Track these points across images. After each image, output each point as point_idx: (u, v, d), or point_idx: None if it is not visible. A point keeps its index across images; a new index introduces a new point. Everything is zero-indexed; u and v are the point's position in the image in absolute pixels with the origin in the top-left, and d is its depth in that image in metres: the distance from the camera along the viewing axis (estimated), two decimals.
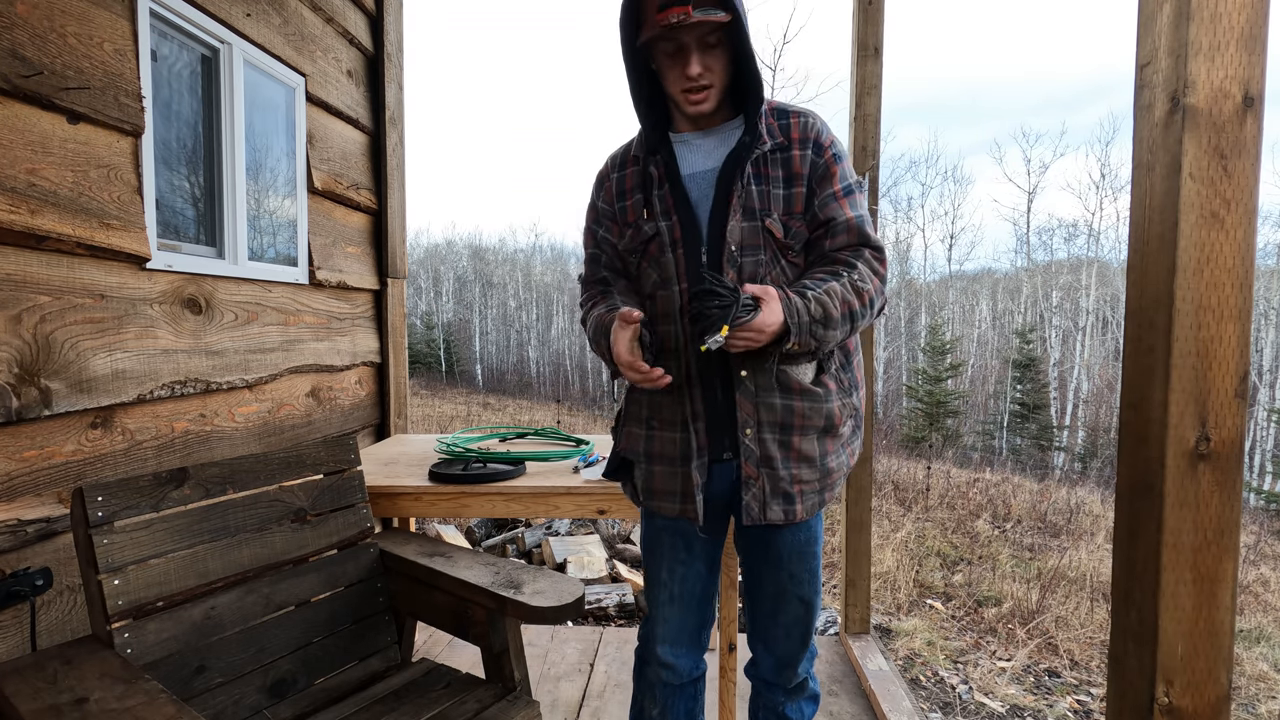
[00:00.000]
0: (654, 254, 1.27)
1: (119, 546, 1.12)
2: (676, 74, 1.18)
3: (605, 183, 1.36)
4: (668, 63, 1.19)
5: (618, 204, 1.33)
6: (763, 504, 1.23)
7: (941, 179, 42.82)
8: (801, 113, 1.27)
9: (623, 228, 1.33)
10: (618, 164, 1.35)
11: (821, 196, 1.24)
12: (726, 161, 1.23)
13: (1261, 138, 0.85)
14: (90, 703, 0.91)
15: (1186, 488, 0.86)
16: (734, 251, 1.22)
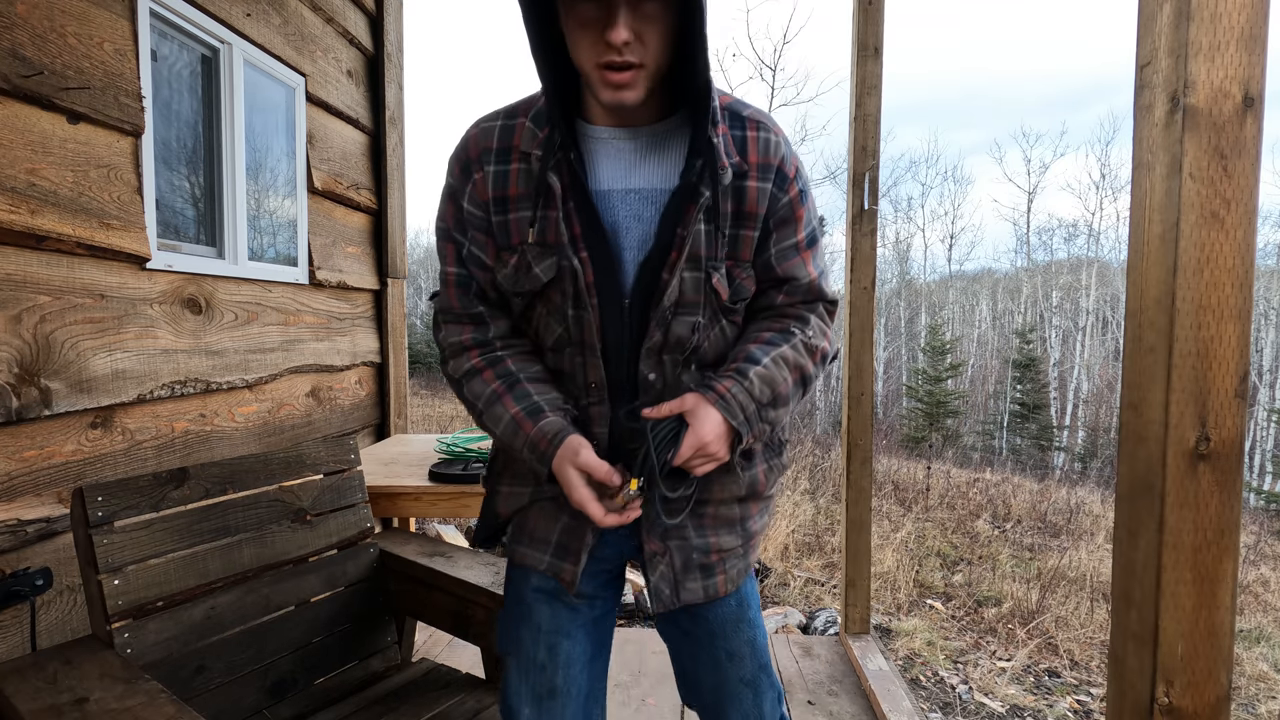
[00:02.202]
0: (556, 303, 0.93)
1: (119, 546, 1.12)
2: (592, 40, 0.80)
3: (473, 172, 0.93)
4: (579, 24, 0.81)
5: (495, 213, 0.93)
6: (674, 584, 0.99)
7: (941, 179, 42.89)
8: (759, 122, 0.95)
9: (502, 250, 0.94)
10: (496, 150, 0.92)
11: (781, 247, 0.97)
12: (676, 197, 0.90)
13: (1261, 138, 0.85)
14: (90, 703, 0.91)
15: (1186, 488, 0.86)
16: (666, 311, 0.91)
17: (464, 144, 0.96)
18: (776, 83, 12.03)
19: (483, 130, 0.94)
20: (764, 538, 1.01)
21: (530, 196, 0.91)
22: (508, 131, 0.93)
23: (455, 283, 0.98)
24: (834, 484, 7.87)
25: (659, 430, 0.90)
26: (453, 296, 0.99)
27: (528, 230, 0.91)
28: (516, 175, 0.92)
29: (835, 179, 13.66)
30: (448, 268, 0.99)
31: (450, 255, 0.98)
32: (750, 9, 12.93)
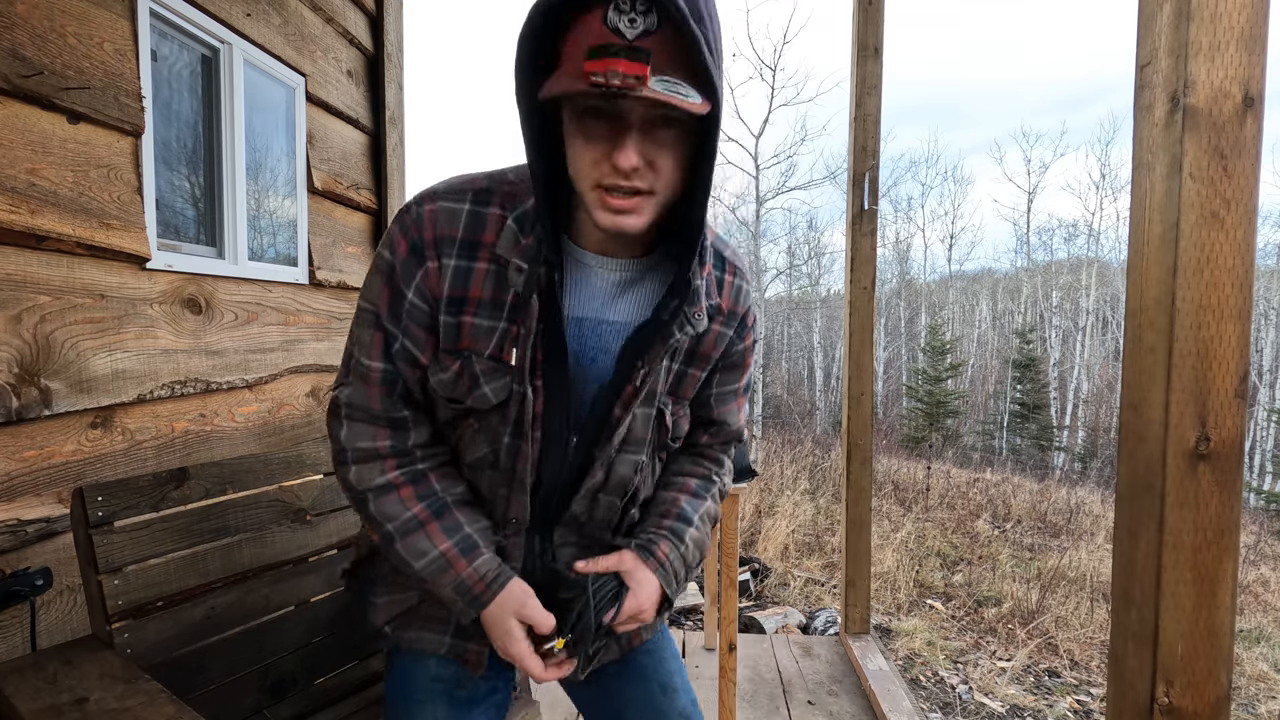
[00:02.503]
0: (492, 424, 0.84)
1: (119, 546, 1.12)
2: (595, 158, 0.70)
3: (426, 258, 0.79)
4: (583, 138, 0.70)
5: (446, 312, 0.80)
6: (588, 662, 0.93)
7: (941, 179, 42.84)
8: (738, 269, 0.91)
9: (444, 353, 0.82)
10: (460, 241, 0.79)
11: (722, 390, 0.95)
12: (643, 331, 0.83)
13: (1261, 138, 0.85)
14: (90, 703, 0.91)
15: (1186, 488, 0.86)
16: (613, 449, 0.86)
17: (417, 220, 0.79)
18: (776, 83, 12.05)
19: (446, 212, 0.78)
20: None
21: (493, 304, 0.80)
22: (477, 221, 0.79)
23: (380, 381, 0.83)
24: (834, 484, 7.88)
25: (600, 590, 0.85)
26: (374, 397, 0.83)
27: (482, 340, 0.80)
28: (482, 277, 0.79)
29: (835, 179, 13.67)
30: (371, 361, 0.82)
31: (376, 347, 0.82)
32: (750, 9, 12.92)
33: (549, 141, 0.75)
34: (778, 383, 25.41)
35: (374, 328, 0.82)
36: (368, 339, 0.83)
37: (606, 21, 0.62)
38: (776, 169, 17.00)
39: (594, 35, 0.63)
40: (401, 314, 0.81)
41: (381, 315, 0.82)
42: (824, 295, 26.10)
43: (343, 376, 0.85)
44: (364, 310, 0.83)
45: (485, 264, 0.79)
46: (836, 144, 18.50)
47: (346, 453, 0.84)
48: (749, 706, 2.34)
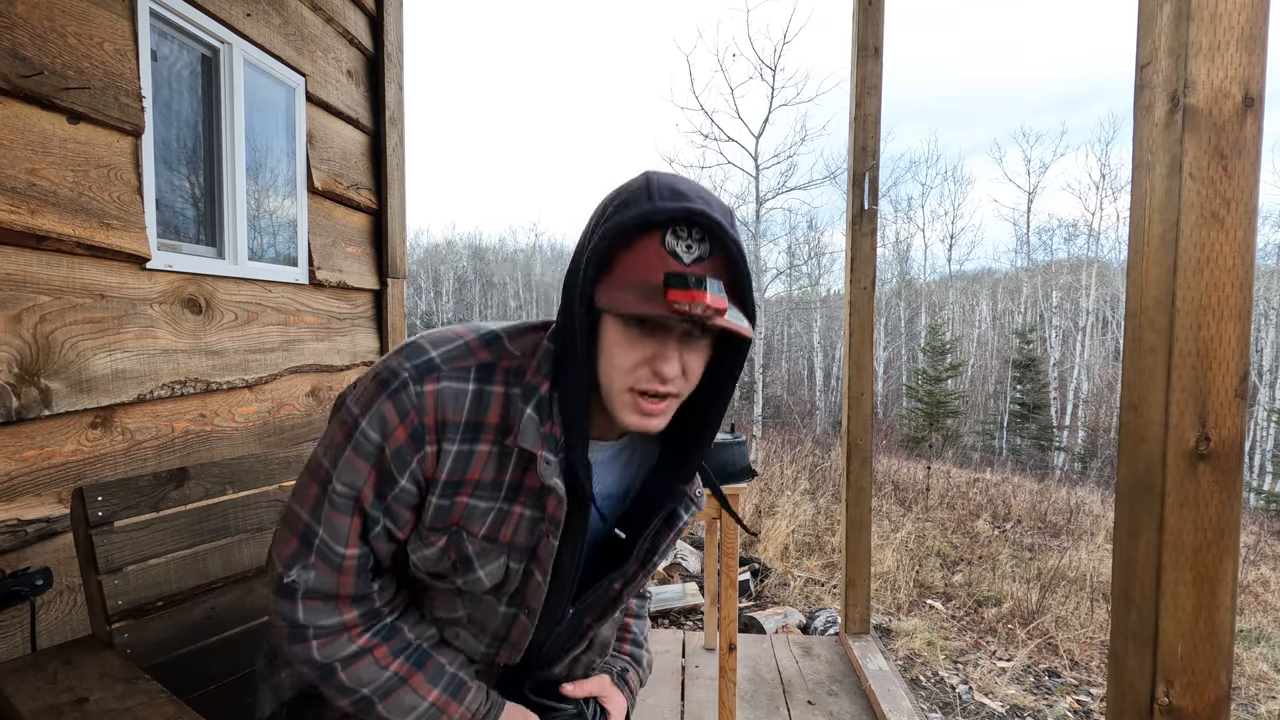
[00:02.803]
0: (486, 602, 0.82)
1: (119, 546, 1.12)
2: (634, 362, 0.71)
3: (425, 444, 0.74)
4: (626, 343, 0.71)
5: (439, 494, 0.76)
6: None
7: (941, 179, 42.83)
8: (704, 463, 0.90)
9: (431, 530, 0.78)
10: (465, 424, 0.74)
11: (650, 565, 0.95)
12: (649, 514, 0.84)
13: (1261, 138, 0.85)
14: (90, 703, 0.91)
15: (1186, 488, 0.86)
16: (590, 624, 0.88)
17: (417, 402, 0.72)
18: (776, 83, 12.02)
19: (450, 394, 0.73)
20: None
21: (492, 485, 0.76)
22: (481, 402, 0.74)
23: (355, 568, 0.77)
24: (834, 484, 7.88)
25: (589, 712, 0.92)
26: (346, 584, 0.77)
27: (477, 521, 0.77)
28: (484, 459, 0.75)
29: (835, 179, 13.66)
30: (345, 549, 0.76)
31: (354, 533, 0.76)
32: (750, 9, 12.91)
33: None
34: (778, 383, 25.41)
35: (352, 514, 0.75)
36: (342, 526, 0.75)
37: (664, 244, 0.67)
38: (776, 169, 17.00)
39: (654, 256, 0.67)
40: (388, 498, 0.75)
41: (365, 501, 0.75)
42: (824, 295, 26.10)
43: (298, 556, 0.76)
44: (340, 495, 0.75)
45: (488, 446, 0.75)
46: (836, 144, 18.49)
47: (306, 630, 0.77)
48: (749, 706, 2.34)
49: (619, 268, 0.69)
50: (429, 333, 0.78)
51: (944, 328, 25.64)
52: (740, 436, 2.00)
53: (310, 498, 0.77)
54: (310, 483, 0.77)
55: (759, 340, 12.66)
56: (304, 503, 0.77)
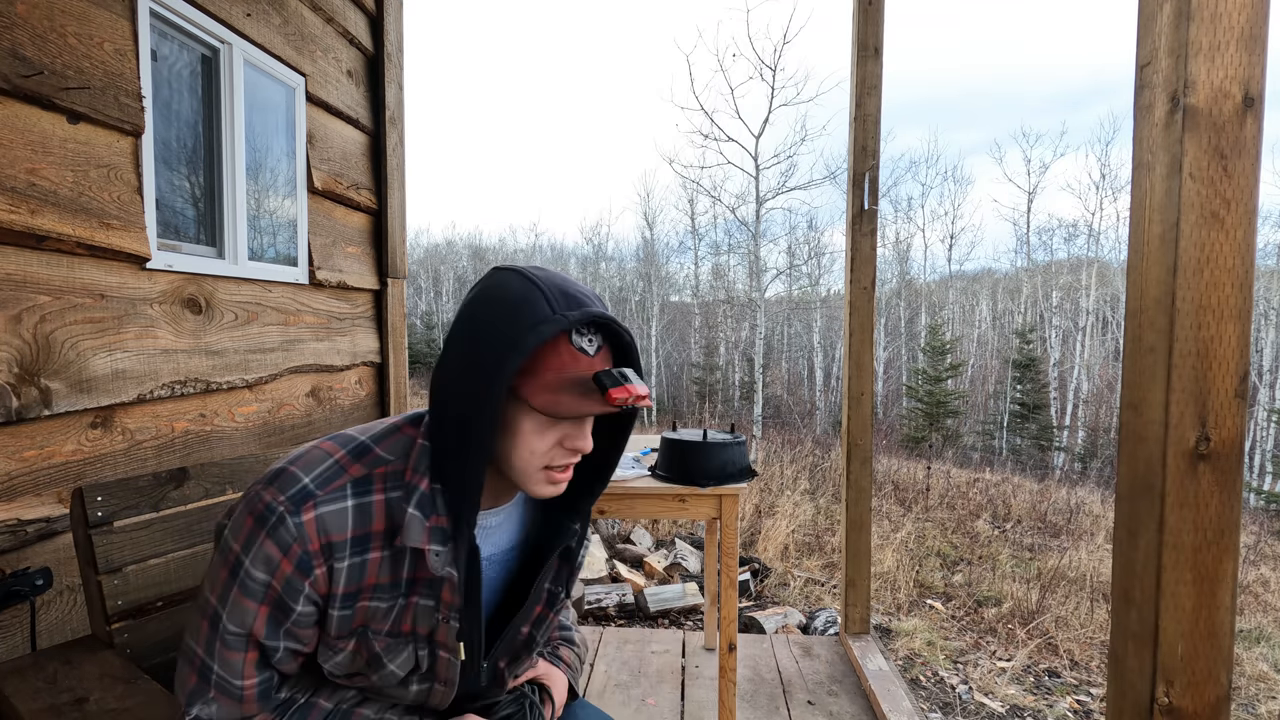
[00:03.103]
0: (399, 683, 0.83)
1: (119, 546, 1.12)
2: (551, 444, 0.78)
3: (314, 568, 0.74)
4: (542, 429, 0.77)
5: (339, 606, 0.77)
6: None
7: (941, 179, 42.79)
8: None
9: (338, 639, 0.79)
10: (351, 540, 0.76)
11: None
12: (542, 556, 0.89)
13: (1261, 138, 0.85)
14: (90, 703, 0.91)
15: (1186, 488, 0.86)
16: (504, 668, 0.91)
17: (298, 533, 0.73)
18: (776, 83, 12.02)
19: (330, 516, 0.74)
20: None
21: (390, 586, 0.78)
22: (363, 515, 0.76)
23: (255, 696, 0.78)
24: (834, 484, 7.88)
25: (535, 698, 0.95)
26: (250, 709, 0.78)
27: (380, 619, 0.79)
28: (377, 565, 0.77)
29: (835, 179, 13.66)
30: (244, 681, 0.76)
31: (249, 665, 0.76)
32: (750, 9, 12.91)
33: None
34: (778, 383, 25.41)
35: (246, 649, 0.75)
36: (237, 662, 0.75)
37: (573, 342, 0.75)
38: (776, 169, 17.00)
39: (567, 356, 0.75)
40: (286, 626, 0.76)
41: (259, 635, 0.75)
42: (824, 295, 26.10)
43: (198, 692, 0.76)
44: (230, 633, 0.75)
45: (379, 552, 0.77)
46: (836, 144, 18.49)
47: None
48: (749, 706, 2.34)
49: (542, 369, 0.74)
50: (296, 456, 0.78)
51: (944, 328, 25.64)
52: (740, 436, 2.00)
53: (203, 633, 0.76)
54: (200, 619, 0.77)
55: (759, 340, 12.68)
56: (197, 638, 0.77)
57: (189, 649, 0.77)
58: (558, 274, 0.80)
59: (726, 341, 26.08)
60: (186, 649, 0.78)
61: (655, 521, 5.19)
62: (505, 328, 0.73)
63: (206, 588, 0.77)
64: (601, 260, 34.75)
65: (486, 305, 0.76)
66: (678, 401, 26.16)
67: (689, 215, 26.77)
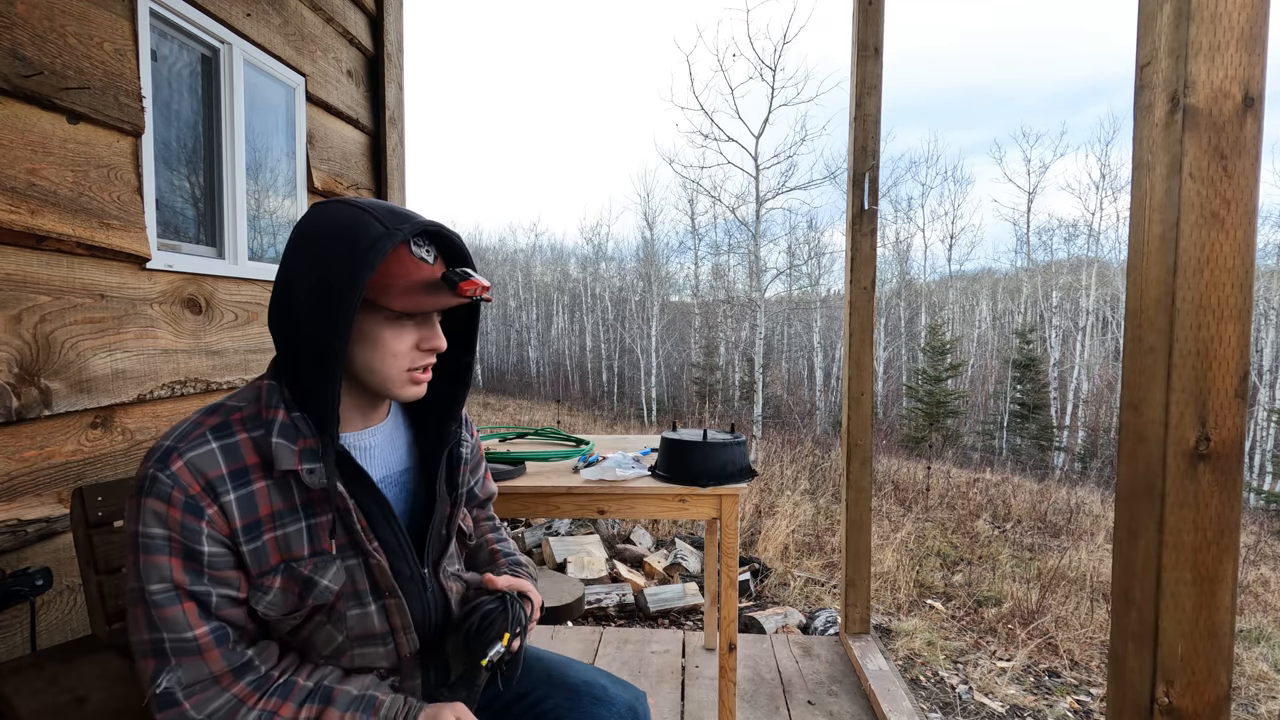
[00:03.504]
0: (341, 609, 0.87)
1: (119, 546, 1.12)
2: (409, 346, 0.86)
3: (204, 508, 0.78)
4: (397, 333, 0.85)
5: (246, 541, 0.81)
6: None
7: (941, 179, 42.78)
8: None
9: (260, 578, 0.82)
10: (229, 474, 0.80)
11: (477, 477, 1.15)
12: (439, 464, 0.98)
13: (1261, 138, 0.85)
14: (90, 703, 0.91)
15: (1186, 488, 0.86)
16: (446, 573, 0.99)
17: (171, 483, 0.77)
18: (776, 83, 12.02)
19: (199, 458, 0.79)
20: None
21: (287, 511, 0.83)
22: (230, 451, 0.81)
23: (214, 643, 0.79)
24: (834, 484, 7.88)
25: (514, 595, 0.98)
26: (213, 660, 0.79)
27: (295, 545, 0.84)
28: (266, 494, 0.82)
29: (835, 179, 13.66)
30: (193, 632, 0.78)
31: (191, 616, 0.78)
32: (750, 9, 12.91)
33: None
34: (778, 383, 25.41)
35: (178, 602, 0.78)
36: (179, 616, 0.78)
37: (413, 253, 0.83)
38: (776, 169, 17.02)
39: (410, 264, 0.83)
40: (204, 570, 0.79)
41: (183, 585, 0.78)
42: (824, 295, 26.10)
43: (159, 667, 0.78)
44: (157, 593, 0.77)
45: (262, 482, 0.82)
46: (836, 144, 18.49)
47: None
48: (749, 706, 2.34)
49: (392, 278, 0.82)
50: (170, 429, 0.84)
51: (944, 328, 25.65)
52: (740, 436, 2.00)
53: (140, 618, 0.78)
54: (132, 609, 0.79)
55: (759, 340, 12.68)
56: (137, 628, 0.79)
57: (137, 644, 0.79)
58: (380, 200, 0.87)
59: (726, 341, 26.08)
60: (136, 646, 0.79)
61: (655, 521, 5.19)
62: (347, 251, 0.79)
63: (128, 578, 0.80)
64: (601, 260, 34.75)
65: (322, 235, 0.82)
66: (678, 401, 26.16)
67: (689, 215, 26.79)
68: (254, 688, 0.81)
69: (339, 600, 0.86)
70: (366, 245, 0.79)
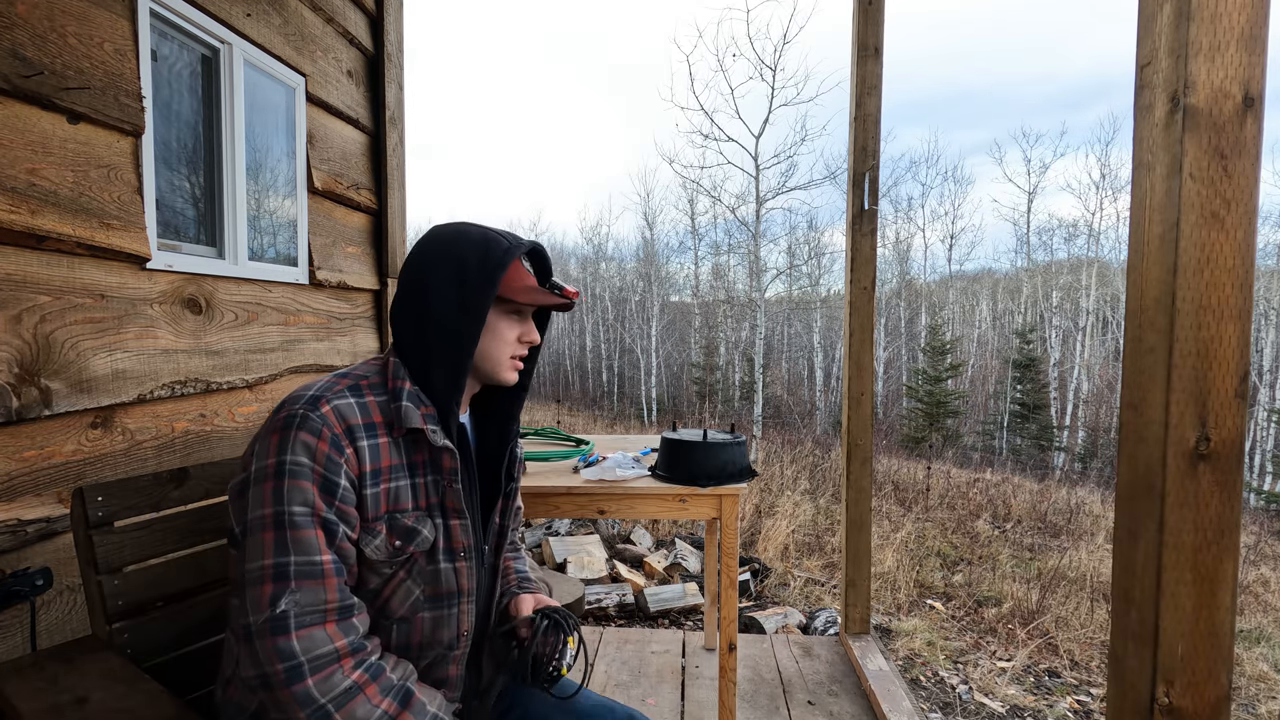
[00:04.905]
0: (421, 565, 0.97)
1: (119, 546, 1.12)
2: (512, 336, 1.05)
3: (344, 447, 0.90)
4: (508, 325, 1.05)
5: (368, 486, 0.92)
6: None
7: (941, 179, 42.75)
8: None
9: (374, 522, 0.93)
10: (363, 425, 0.93)
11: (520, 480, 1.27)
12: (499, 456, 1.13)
13: (1261, 138, 0.85)
14: (90, 703, 0.91)
15: (1186, 488, 0.86)
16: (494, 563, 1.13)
17: (321, 421, 0.89)
18: (776, 83, 12.01)
19: (343, 406, 0.93)
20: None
21: (400, 468, 0.96)
22: (364, 409, 0.95)
23: (334, 571, 0.88)
24: (834, 484, 7.88)
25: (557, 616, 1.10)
26: (331, 588, 0.87)
27: (403, 499, 0.96)
28: (387, 448, 0.95)
29: (835, 179, 13.65)
30: (320, 556, 0.86)
31: (321, 542, 0.87)
32: (750, 9, 12.92)
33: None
34: (778, 383, 25.40)
35: (314, 527, 0.87)
36: (311, 539, 0.86)
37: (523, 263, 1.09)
38: (776, 169, 17.01)
39: (524, 274, 1.07)
40: (336, 501, 0.89)
41: (320, 510, 0.88)
42: (824, 295, 26.09)
43: (279, 589, 0.84)
44: (297, 514, 0.86)
45: (385, 438, 0.95)
46: (836, 144, 18.49)
47: (302, 667, 0.83)
48: (749, 706, 2.34)
49: (513, 280, 1.03)
50: (296, 388, 0.96)
51: (944, 328, 25.63)
52: (740, 436, 2.00)
53: (267, 543, 0.86)
54: (258, 537, 0.86)
55: (759, 340, 12.68)
56: (261, 553, 0.86)
57: (255, 571, 0.85)
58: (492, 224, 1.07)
59: (726, 341, 26.07)
60: (252, 573, 0.85)
61: (655, 521, 5.19)
62: (482, 258, 0.99)
63: (255, 510, 0.87)
64: (601, 260, 34.74)
65: (460, 246, 1.01)
66: (678, 401, 26.15)
67: (689, 215, 26.77)
68: (352, 651, 0.87)
69: (419, 554, 0.97)
70: (499, 254, 0.99)
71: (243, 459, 0.93)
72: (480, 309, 0.98)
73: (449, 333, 0.98)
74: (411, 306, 1.01)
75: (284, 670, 0.83)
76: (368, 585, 0.95)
